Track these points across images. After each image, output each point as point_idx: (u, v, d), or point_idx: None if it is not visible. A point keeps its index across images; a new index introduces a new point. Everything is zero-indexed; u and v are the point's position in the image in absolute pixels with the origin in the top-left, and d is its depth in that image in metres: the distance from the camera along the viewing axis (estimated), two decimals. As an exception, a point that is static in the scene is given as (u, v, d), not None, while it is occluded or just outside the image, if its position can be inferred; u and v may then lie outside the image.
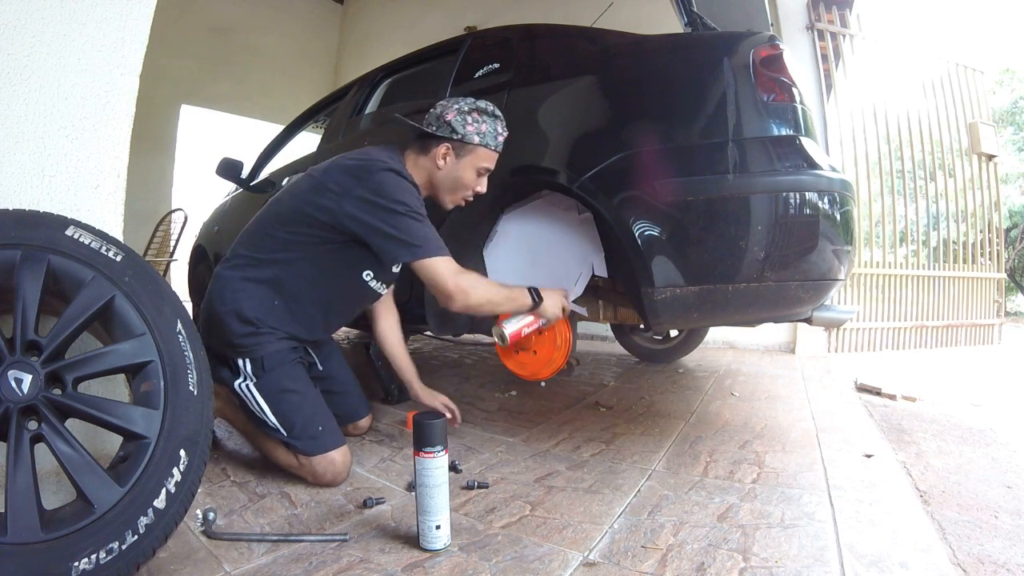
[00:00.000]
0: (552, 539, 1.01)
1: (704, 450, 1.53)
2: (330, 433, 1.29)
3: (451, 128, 1.36)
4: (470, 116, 1.37)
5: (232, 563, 0.93)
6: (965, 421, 2.15)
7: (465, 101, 1.39)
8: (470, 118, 1.37)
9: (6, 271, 0.83)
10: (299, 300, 1.35)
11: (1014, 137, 10.06)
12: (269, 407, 1.27)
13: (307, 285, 1.35)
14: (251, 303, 1.31)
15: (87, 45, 1.13)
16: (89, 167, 1.15)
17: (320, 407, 1.32)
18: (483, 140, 1.38)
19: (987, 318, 4.50)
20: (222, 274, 1.36)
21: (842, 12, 3.84)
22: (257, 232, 1.38)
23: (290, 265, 1.33)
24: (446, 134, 1.37)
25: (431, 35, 2.85)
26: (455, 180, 1.41)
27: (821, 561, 0.93)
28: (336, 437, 1.29)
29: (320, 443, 1.25)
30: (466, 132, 1.37)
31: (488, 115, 1.40)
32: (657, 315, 1.41)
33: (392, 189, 1.26)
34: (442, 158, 1.39)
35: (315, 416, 1.29)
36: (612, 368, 2.80)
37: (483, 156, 1.41)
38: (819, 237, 1.33)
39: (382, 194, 1.25)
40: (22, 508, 0.73)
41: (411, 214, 1.27)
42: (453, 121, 1.36)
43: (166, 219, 3.96)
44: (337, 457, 1.26)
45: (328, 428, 1.29)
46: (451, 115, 1.37)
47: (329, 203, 1.28)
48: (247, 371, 1.29)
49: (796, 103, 1.38)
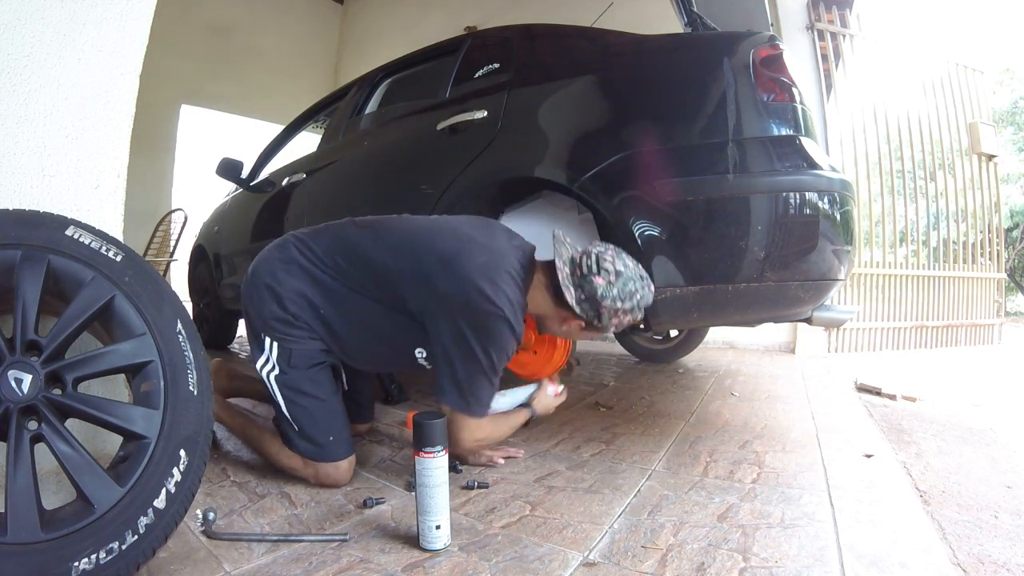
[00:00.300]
0: (552, 539, 1.01)
1: (704, 450, 1.53)
2: (340, 444, 1.24)
3: (597, 315, 1.21)
4: (620, 312, 1.20)
5: (232, 563, 0.93)
6: (965, 421, 2.15)
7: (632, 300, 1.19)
8: (620, 313, 1.20)
9: (6, 271, 0.83)
10: (342, 329, 1.26)
11: (1014, 137, 10.06)
12: (284, 403, 1.23)
13: (356, 327, 1.26)
14: (293, 296, 1.23)
15: (87, 45, 1.13)
16: (89, 167, 1.15)
17: (337, 417, 1.26)
18: (607, 326, 1.24)
19: (987, 318, 4.50)
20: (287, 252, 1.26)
21: (842, 12, 3.84)
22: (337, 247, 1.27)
23: (350, 299, 1.24)
24: (588, 317, 1.22)
25: (431, 35, 2.85)
26: (561, 333, 1.34)
27: (821, 561, 0.93)
28: (345, 448, 1.25)
29: (326, 452, 1.23)
30: (606, 324, 1.22)
31: (637, 310, 1.22)
32: (657, 315, 1.41)
33: (492, 340, 1.17)
34: (566, 323, 1.27)
35: (330, 425, 1.23)
36: (612, 368, 2.80)
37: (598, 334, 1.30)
38: (819, 237, 1.33)
39: (480, 338, 1.16)
40: (22, 508, 0.73)
41: (488, 371, 1.19)
42: (603, 313, 1.20)
43: (166, 219, 3.96)
44: (343, 465, 1.25)
45: (339, 439, 1.24)
46: (605, 308, 1.19)
47: (425, 299, 1.18)
48: (273, 357, 1.23)
49: (796, 103, 1.38)
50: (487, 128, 1.74)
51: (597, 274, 1.18)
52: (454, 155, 1.79)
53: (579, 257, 1.22)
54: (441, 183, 1.78)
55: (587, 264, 1.19)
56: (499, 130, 1.71)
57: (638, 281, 1.20)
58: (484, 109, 1.77)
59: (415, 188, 1.84)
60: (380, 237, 1.27)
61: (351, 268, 1.25)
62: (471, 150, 1.75)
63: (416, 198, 1.83)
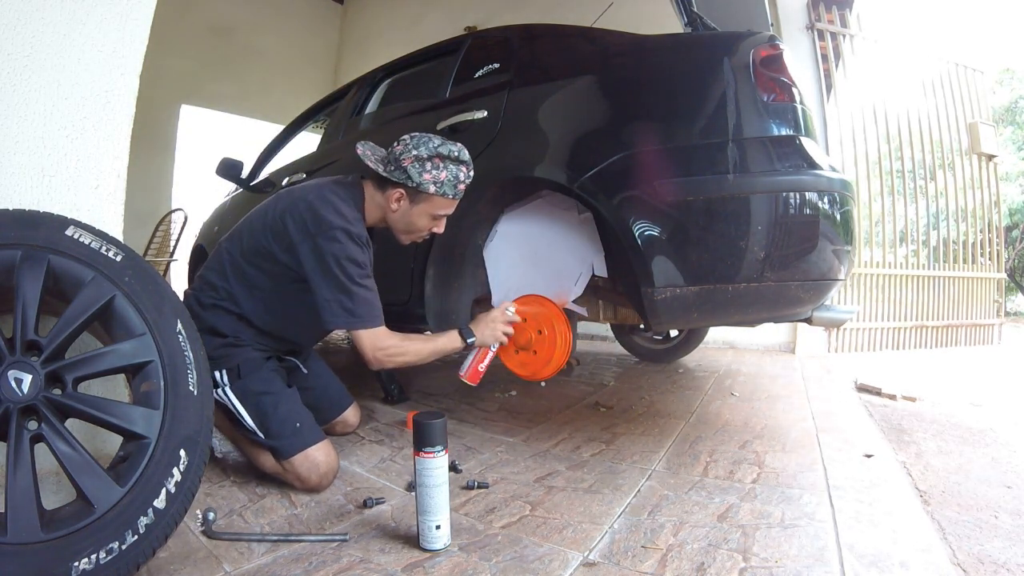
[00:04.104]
0: (552, 539, 1.01)
1: (704, 450, 1.53)
2: (308, 430, 1.28)
3: (406, 175, 1.30)
4: (429, 163, 1.30)
5: (232, 563, 0.93)
6: (965, 421, 2.14)
7: (427, 145, 1.31)
8: (428, 165, 1.30)
9: (6, 271, 0.83)
10: (271, 328, 1.38)
11: (1014, 136, 10.06)
12: (246, 410, 1.28)
13: (279, 319, 1.37)
14: (225, 321, 1.34)
15: (87, 45, 1.13)
16: (89, 167, 1.15)
17: (296, 405, 1.33)
18: (440, 190, 1.32)
19: (987, 318, 4.50)
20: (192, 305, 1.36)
21: (842, 12, 3.84)
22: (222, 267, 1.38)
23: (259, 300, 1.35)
24: (401, 180, 1.31)
25: (431, 35, 2.85)
26: (408, 224, 1.39)
27: (821, 561, 0.93)
28: (314, 433, 1.29)
29: (299, 440, 1.25)
30: (422, 181, 1.30)
31: (450, 161, 1.32)
32: (657, 315, 1.41)
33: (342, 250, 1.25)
34: (395, 202, 1.35)
35: (291, 414, 1.29)
36: (612, 368, 2.80)
37: (438, 204, 1.36)
38: (819, 237, 1.33)
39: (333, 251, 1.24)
40: (22, 508, 0.73)
41: (353, 280, 1.26)
42: (409, 169, 1.30)
43: (166, 219, 3.96)
44: (319, 456, 1.24)
45: (306, 425, 1.29)
46: (408, 161, 1.30)
47: (285, 246, 1.29)
48: (223, 380, 1.30)
49: (796, 103, 1.38)
50: (487, 128, 1.74)
51: (396, 144, 1.34)
52: (454, 155, 1.78)
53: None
54: (441, 183, 1.77)
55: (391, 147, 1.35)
56: (499, 130, 1.71)
57: (436, 139, 1.32)
58: (484, 109, 1.77)
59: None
60: (236, 233, 1.41)
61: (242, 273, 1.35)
62: (471, 150, 1.74)
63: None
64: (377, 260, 1.51)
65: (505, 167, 1.68)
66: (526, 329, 1.58)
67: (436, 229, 1.42)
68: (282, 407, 1.29)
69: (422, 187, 1.31)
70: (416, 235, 1.43)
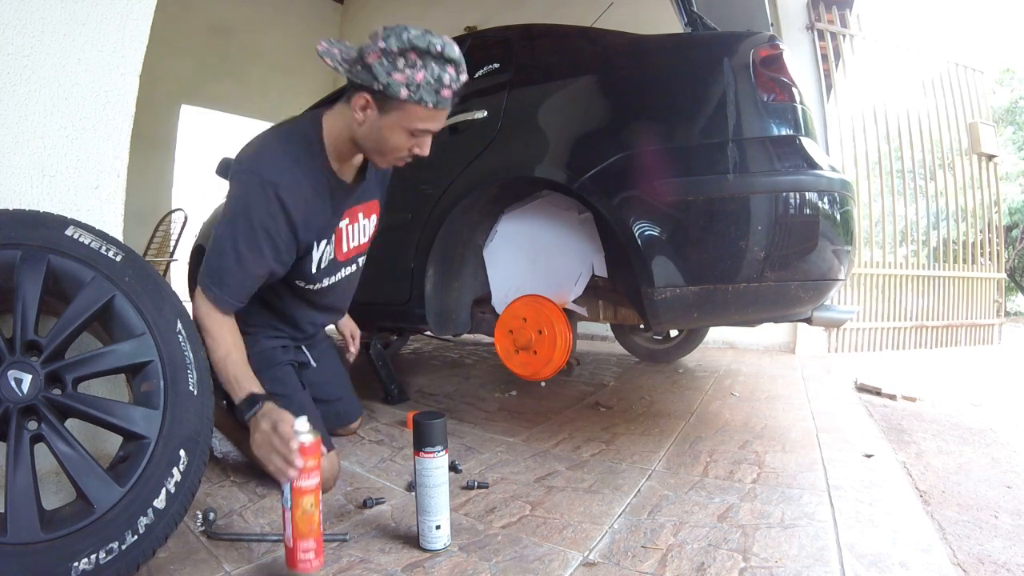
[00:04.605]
0: (552, 539, 1.01)
1: (704, 450, 1.53)
2: None
3: (371, 74, 1.00)
4: (401, 59, 0.99)
5: (232, 563, 0.93)
6: (965, 421, 2.14)
7: (399, 36, 0.99)
8: (400, 61, 0.99)
9: (6, 271, 0.83)
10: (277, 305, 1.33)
11: (1014, 136, 10.05)
12: None
13: (279, 298, 1.33)
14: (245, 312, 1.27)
15: (87, 45, 1.13)
16: (89, 167, 1.15)
17: (305, 411, 1.23)
18: (414, 95, 1.01)
19: (987, 318, 4.50)
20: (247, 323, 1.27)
21: (842, 12, 3.84)
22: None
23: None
24: (364, 81, 1.02)
25: (431, 35, 2.84)
26: (379, 141, 1.09)
27: (821, 561, 0.93)
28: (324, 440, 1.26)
29: None
30: (390, 82, 0.99)
31: (430, 57, 1.00)
32: (657, 315, 1.41)
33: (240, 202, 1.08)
34: (360, 111, 1.06)
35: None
36: (612, 368, 2.80)
37: (414, 115, 1.04)
38: (819, 237, 1.33)
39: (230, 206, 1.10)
40: (22, 508, 0.73)
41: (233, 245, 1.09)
42: (375, 66, 0.99)
43: (166, 219, 3.96)
44: (323, 463, 1.23)
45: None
46: (373, 56, 0.99)
47: None
48: None
49: (796, 103, 1.38)
50: (487, 128, 1.74)
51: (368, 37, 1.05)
52: (454, 155, 1.79)
53: None
54: (441, 183, 1.78)
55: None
56: (499, 130, 1.71)
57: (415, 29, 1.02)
58: (484, 109, 1.77)
59: (415, 188, 1.83)
60: None
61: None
62: (471, 150, 1.75)
63: (416, 198, 1.83)
64: (377, 260, 1.51)
65: (505, 167, 1.68)
66: (526, 329, 1.58)
67: (417, 150, 1.12)
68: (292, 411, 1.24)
69: (390, 90, 1.00)
70: (392, 156, 1.13)
